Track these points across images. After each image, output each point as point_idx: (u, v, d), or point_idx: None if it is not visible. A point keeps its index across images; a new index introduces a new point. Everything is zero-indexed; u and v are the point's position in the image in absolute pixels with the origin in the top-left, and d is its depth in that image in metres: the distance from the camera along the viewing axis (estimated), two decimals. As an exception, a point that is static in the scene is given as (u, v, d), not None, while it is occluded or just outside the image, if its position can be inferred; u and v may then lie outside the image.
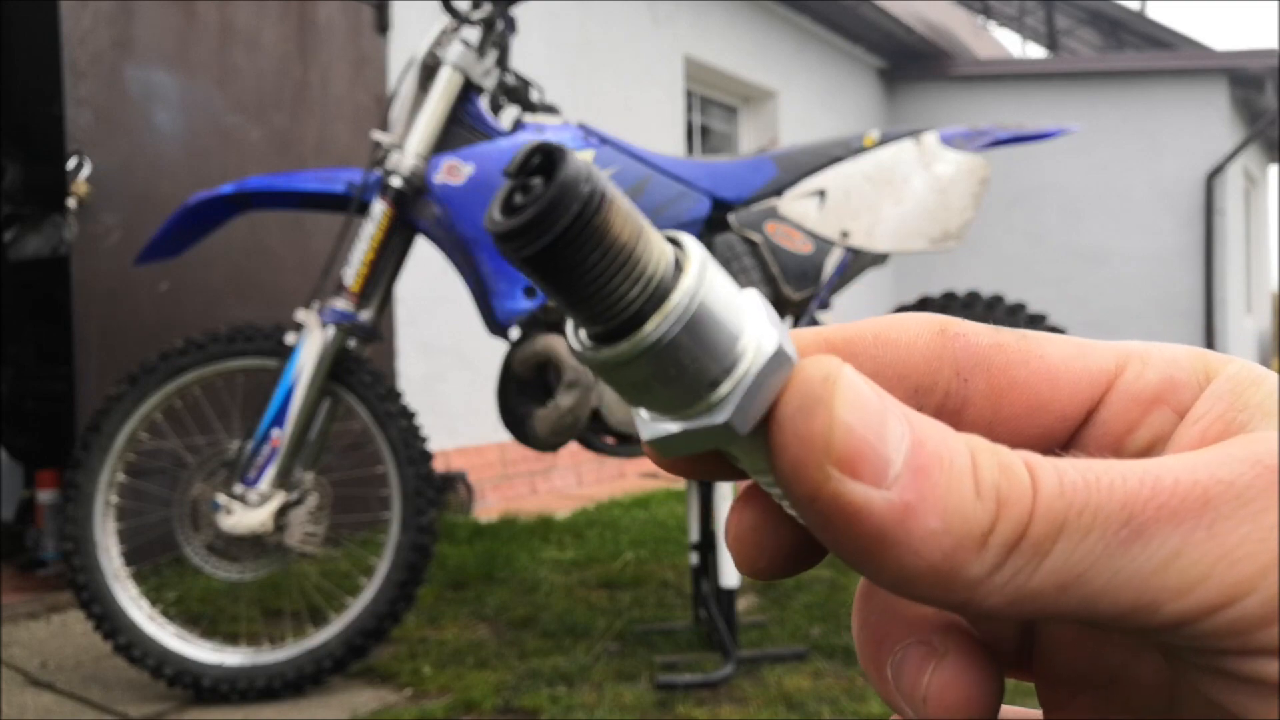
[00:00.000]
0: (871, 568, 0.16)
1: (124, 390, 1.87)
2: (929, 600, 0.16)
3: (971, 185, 1.95)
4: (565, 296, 0.15)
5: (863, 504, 0.15)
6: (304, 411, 1.80)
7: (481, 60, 1.92)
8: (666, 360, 0.15)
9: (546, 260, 0.14)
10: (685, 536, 2.79)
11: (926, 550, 0.15)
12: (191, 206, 1.93)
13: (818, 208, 1.94)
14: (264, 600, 2.20)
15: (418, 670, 1.91)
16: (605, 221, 0.15)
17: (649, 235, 0.15)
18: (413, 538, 1.83)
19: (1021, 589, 0.15)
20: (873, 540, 0.15)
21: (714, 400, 0.16)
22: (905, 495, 0.15)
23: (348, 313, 1.85)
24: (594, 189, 0.14)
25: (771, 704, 1.71)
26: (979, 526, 0.15)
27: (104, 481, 1.86)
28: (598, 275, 0.15)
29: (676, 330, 0.15)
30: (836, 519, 0.16)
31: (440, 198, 1.85)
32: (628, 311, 0.15)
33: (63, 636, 2.24)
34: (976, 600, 0.16)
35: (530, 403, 1.89)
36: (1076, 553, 0.15)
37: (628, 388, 0.16)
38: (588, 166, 0.14)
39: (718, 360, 0.16)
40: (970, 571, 0.15)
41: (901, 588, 0.16)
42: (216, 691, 1.80)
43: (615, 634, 2.08)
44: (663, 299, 0.15)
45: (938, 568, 0.15)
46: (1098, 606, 0.15)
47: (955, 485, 0.16)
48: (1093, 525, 0.15)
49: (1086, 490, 0.15)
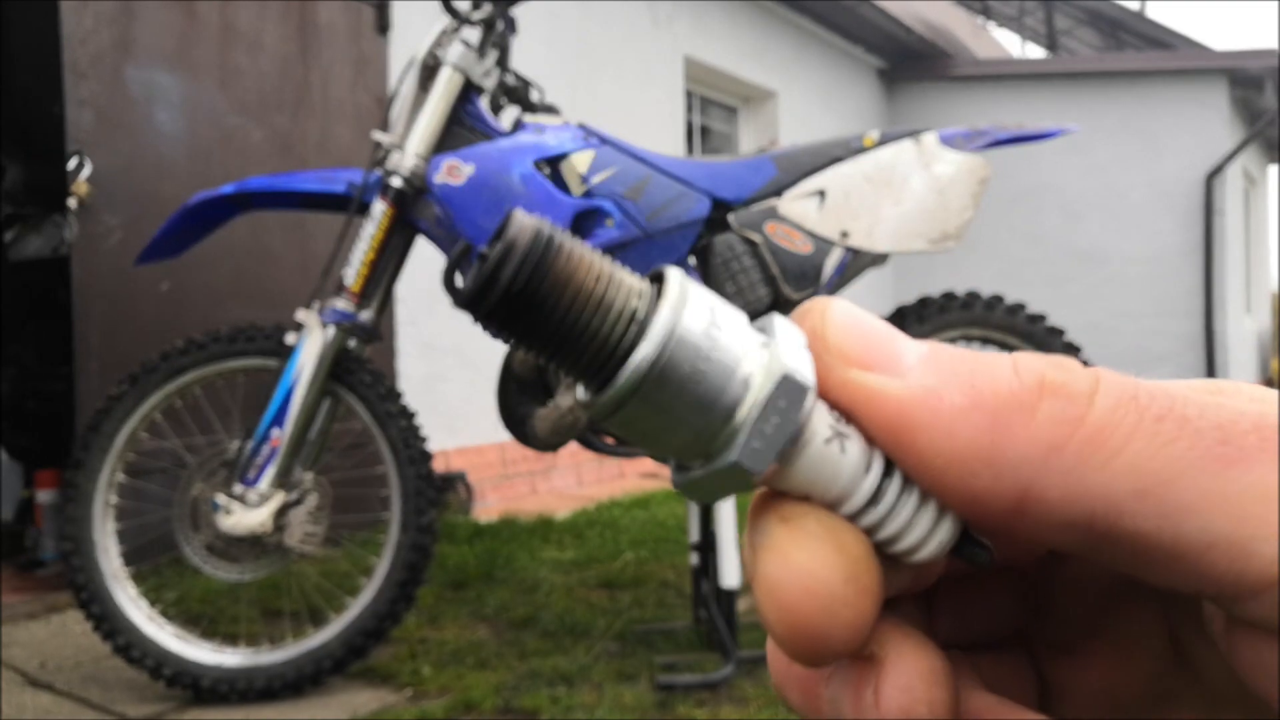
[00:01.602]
0: (912, 457, 0.15)
1: (124, 390, 1.87)
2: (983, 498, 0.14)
3: (971, 185, 1.95)
4: (544, 348, 0.15)
5: (878, 390, 0.15)
6: (304, 411, 1.80)
7: (482, 61, 1.92)
8: (664, 395, 0.15)
9: (509, 313, 0.15)
10: (685, 537, 2.79)
11: (960, 428, 0.14)
12: (192, 207, 1.93)
13: (817, 208, 1.94)
14: (264, 600, 2.20)
15: (417, 670, 1.90)
16: (559, 266, 0.15)
17: (618, 275, 0.15)
18: (413, 538, 1.82)
19: (1091, 483, 0.14)
20: (899, 425, 0.15)
21: (726, 438, 0.15)
22: (924, 380, 0.15)
23: (348, 313, 1.84)
24: (540, 238, 0.14)
25: (772, 704, 1.70)
26: (1018, 399, 0.14)
27: (104, 481, 1.86)
28: (568, 321, 0.15)
29: (663, 358, 0.15)
30: (860, 409, 0.15)
31: (441, 198, 1.85)
32: (612, 352, 0.15)
33: (62, 636, 2.24)
34: (1035, 490, 0.14)
35: (530, 403, 1.89)
36: (1160, 457, 0.14)
37: (641, 436, 0.16)
38: (535, 220, 0.15)
39: (722, 390, 0.15)
40: (1018, 447, 0.14)
41: (947, 480, 0.15)
42: (216, 692, 1.79)
43: (615, 634, 2.08)
44: (642, 332, 0.15)
45: (978, 447, 0.14)
46: (1184, 529, 0.14)
47: (984, 368, 0.15)
48: (1179, 435, 0.14)
49: (1169, 399, 0.14)
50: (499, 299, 0.15)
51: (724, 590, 1.89)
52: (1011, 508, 0.15)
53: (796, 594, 0.15)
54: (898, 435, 0.15)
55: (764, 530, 0.16)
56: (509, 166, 1.83)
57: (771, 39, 5.73)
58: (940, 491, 0.15)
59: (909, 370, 0.15)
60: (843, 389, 0.15)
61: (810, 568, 0.15)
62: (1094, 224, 6.75)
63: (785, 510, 0.16)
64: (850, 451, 0.16)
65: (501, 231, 0.15)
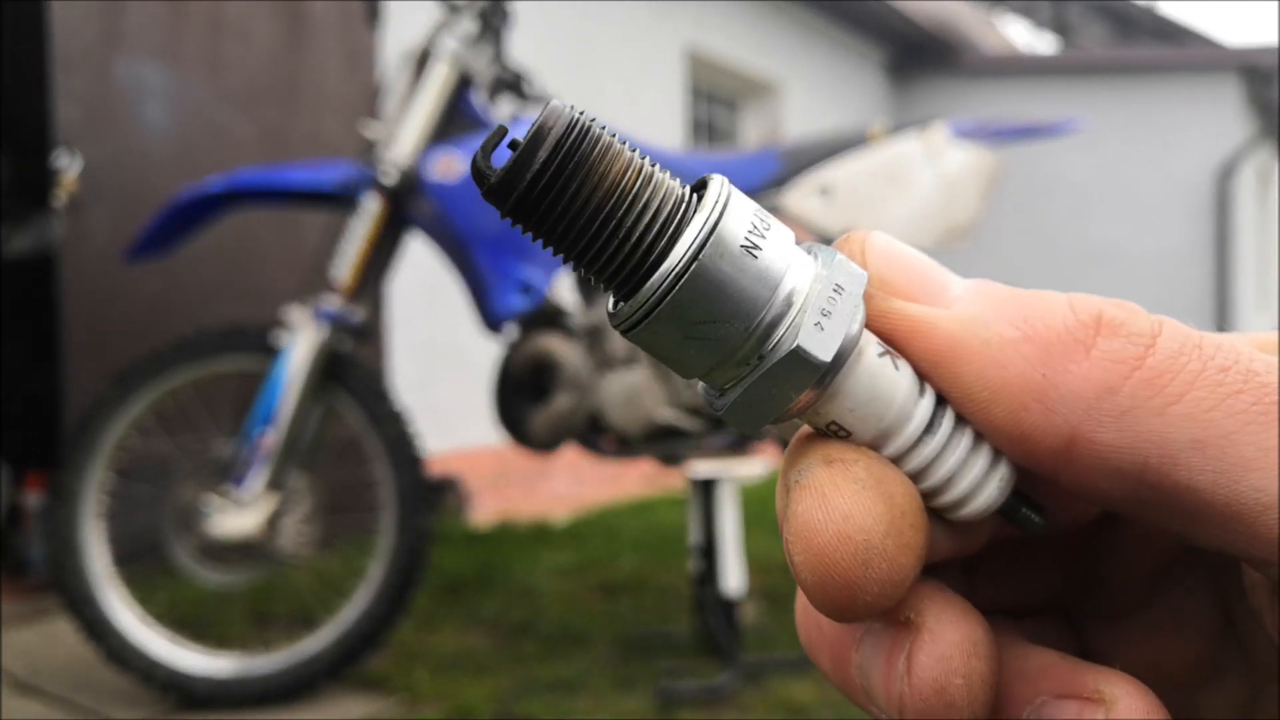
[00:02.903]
0: (959, 390, 0.14)
1: (113, 390, 1.84)
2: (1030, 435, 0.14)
3: (980, 182, 1.91)
4: (572, 246, 0.14)
5: (923, 320, 0.14)
6: (294, 412, 1.78)
7: (476, 52, 1.88)
8: (698, 303, 0.14)
9: (537, 204, 0.14)
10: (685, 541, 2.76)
11: (1009, 359, 0.14)
12: (180, 202, 1.90)
13: (823, 204, 1.90)
14: (256, 605, 2.17)
15: (413, 677, 1.88)
16: (593, 157, 0.14)
17: (657, 175, 0.15)
18: (408, 541, 1.80)
19: (1145, 431, 0.13)
20: (947, 354, 0.14)
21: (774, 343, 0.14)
22: (972, 310, 0.14)
23: (340, 311, 1.81)
24: (575, 125, 0.14)
25: (774, 711, 1.69)
26: (1074, 335, 0.14)
27: (92, 483, 1.83)
28: (599, 217, 0.14)
29: (698, 264, 0.14)
30: (905, 340, 0.15)
31: (435, 194, 1.82)
32: (644, 256, 0.14)
33: (52, 641, 2.21)
34: (1085, 432, 0.13)
35: (527, 403, 1.86)
36: (1222, 408, 0.13)
37: (670, 350, 0.15)
38: (571, 108, 0.14)
39: (764, 299, 0.14)
40: (1071, 384, 0.13)
41: (993, 414, 0.14)
42: (207, 699, 1.77)
43: (614, 641, 2.05)
44: (677, 236, 0.14)
45: (1028, 379, 0.14)
46: (1241, 486, 0.13)
47: (1038, 302, 0.14)
48: (1243, 388, 0.13)
49: (1234, 352, 0.14)
50: (527, 187, 0.14)
51: (725, 596, 1.86)
52: (1060, 448, 0.14)
53: (830, 539, 0.14)
54: (946, 365, 0.15)
55: (804, 469, 0.15)
56: (505, 161, 1.79)
57: (775, 31, 5.68)
58: (987, 426, 0.15)
59: (955, 301, 0.15)
60: (886, 319, 0.15)
61: (850, 512, 0.14)
62: (1104, 220, 6.70)
63: (831, 451, 0.15)
64: (904, 371, 0.15)
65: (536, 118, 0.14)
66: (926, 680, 0.14)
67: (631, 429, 1.86)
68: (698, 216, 0.14)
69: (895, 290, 0.15)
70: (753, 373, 0.15)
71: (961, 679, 0.14)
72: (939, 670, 0.14)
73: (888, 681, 0.15)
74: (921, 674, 0.14)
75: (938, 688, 0.14)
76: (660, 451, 1.90)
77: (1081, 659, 0.16)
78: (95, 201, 2.47)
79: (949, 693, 0.14)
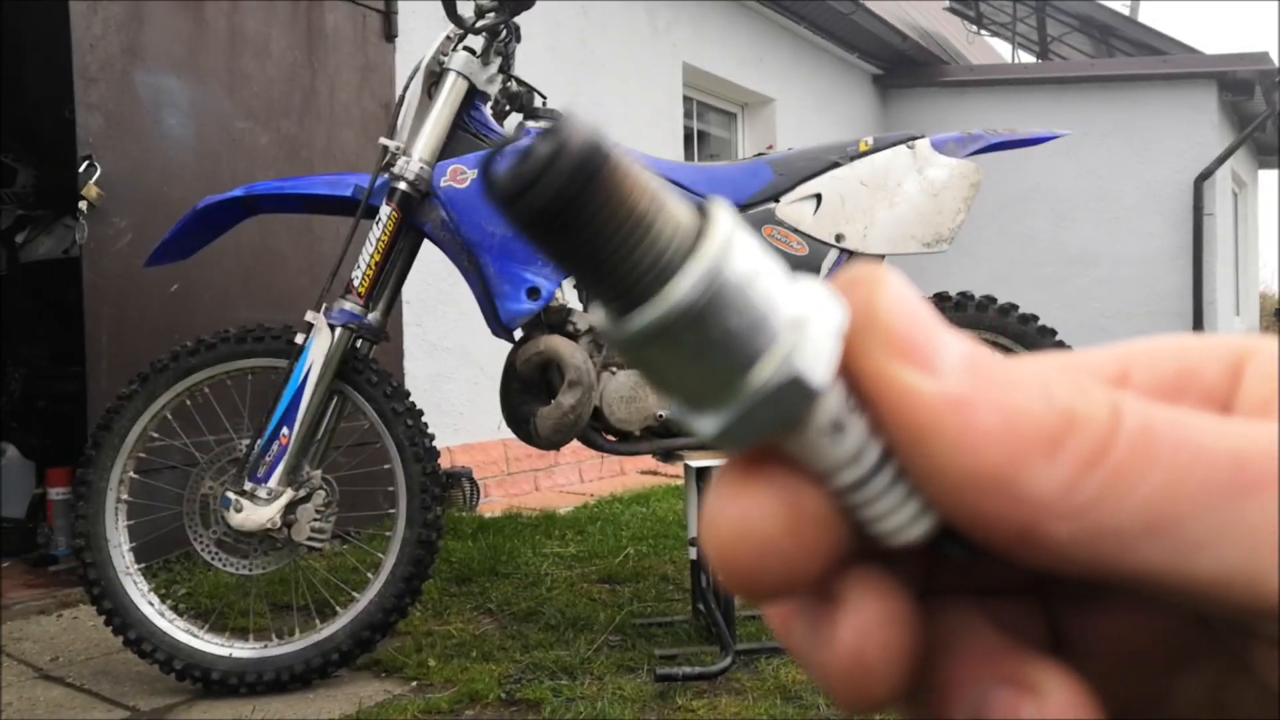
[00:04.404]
0: (925, 463, 0.14)
1: (135, 389, 1.89)
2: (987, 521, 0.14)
3: (963, 189, 1.99)
4: (574, 265, 0.14)
5: (911, 388, 0.14)
6: (312, 410, 1.83)
7: (485, 68, 1.96)
8: (692, 335, 0.14)
9: (545, 222, 0.13)
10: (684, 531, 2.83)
11: (984, 450, 0.13)
12: (201, 210, 1.95)
13: (813, 212, 1.98)
14: (272, 595, 2.23)
15: (423, 663, 1.93)
16: (608, 180, 0.13)
17: (669, 202, 0.14)
18: (419, 533, 1.84)
19: (1100, 522, 0.13)
20: (926, 432, 0.14)
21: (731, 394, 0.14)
22: (960, 388, 0.14)
23: (355, 314, 1.87)
24: (593, 145, 0.13)
25: (768, 695, 1.72)
26: (1046, 432, 0.14)
27: (115, 479, 1.88)
28: (606, 241, 0.14)
29: (702, 297, 0.14)
30: (886, 403, 0.14)
31: (445, 201, 1.89)
32: (649, 278, 0.14)
33: (73, 631, 2.27)
34: (1041, 526, 0.13)
35: (533, 402, 1.91)
36: (1175, 493, 0.13)
37: (661, 368, 0.15)
38: (588, 124, 0.14)
39: (758, 334, 0.14)
40: (1038, 482, 0.13)
41: (955, 496, 0.14)
42: (225, 684, 1.82)
43: (616, 627, 2.11)
44: (683, 263, 0.14)
45: (998, 472, 0.13)
46: (1196, 566, 0.13)
47: (1019, 389, 0.14)
48: (1193, 465, 0.13)
49: (1184, 429, 0.13)
50: (537, 207, 0.13)
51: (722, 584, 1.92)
52: (1014, 538, 0.14)
53: (729, 536, 0.15)
54: (918, 441, 0.14)
55: (726, 465, 0.15)
56: (512, 171, 1.87)
57: (769, 46, 5.79)
58: (943, 505, 0.14)
59: (946, 372, 0.14)
60: (873, 377, 0.14)
61: (749, 515, 0.15)
62: (1085, 226, 6.81)
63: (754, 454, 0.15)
64: (846, 443, 0.15)
65: (552, 130, 0.14)
66: (846, 648, 0.15)
67: (632, 425, 1.93)
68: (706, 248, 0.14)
69: (894, 347, 0.14)
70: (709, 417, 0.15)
71: (879, 647, 0.15)
72: (857, 639, 0.15)
73: (815, 650, 0.15)
74: (842, 642, 0.15)
75: (856, 655, 0.15)
76: (659, 447, 1.97)
77: (1030, 649, 0.16)
78: (117, 209, 2.53)
79: (866, 659, 0.15)
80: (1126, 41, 7.67)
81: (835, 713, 1.67)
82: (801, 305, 0.15)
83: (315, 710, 1.77)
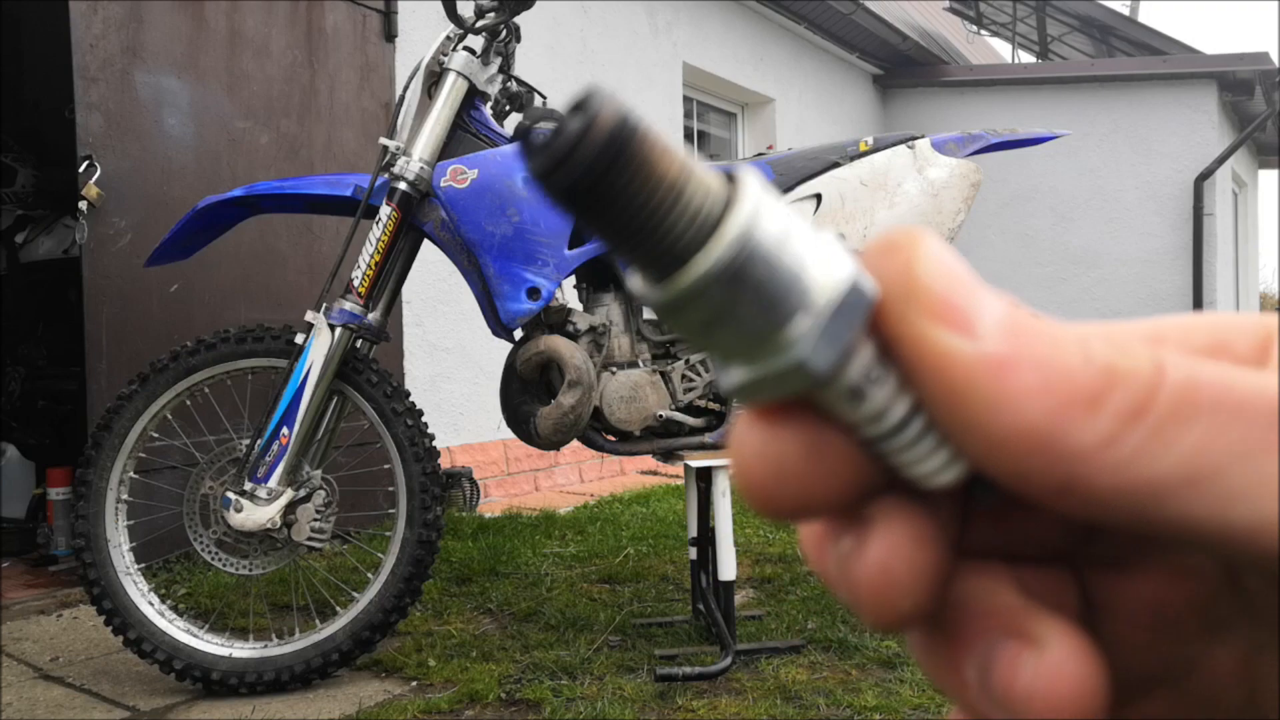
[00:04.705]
0: (964, 425, 0.14)
1: (135, 389, 1.89)
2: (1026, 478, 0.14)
3: (964, 189, 2.00)
4: (608, 234, 0.14)
5: (949, 351, 0.14)
6: (312, 410, 1.83)
7: (485, 68, 1.96)
8: (729, 293, 0.14)
9: (577, 194, 0.14)
10: (684, 532, 2.83)
11: (1025, 408, 0.14)
12: (201, 210, 1.96)
13: (813, 212, 1.98)
14: (272, 595, 2.23)
15: (423, 663, 1.93)
16: (645, 148, 0.14)
17: (698, 170, 0.15)
18: (419, 533, 1.85)
19: (1142, 474, 0.13)
20: (964, 393, 0.14)
21: (790, 338, 0.15)
22: (998, 348, 0.14)
23: (355, 314, 1.87)
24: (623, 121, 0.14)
25: (768, 695, 1.73)
26: (1087, 389, 0.14)
27: (115, 479, 1.88)
28: (639, 211, 0.14)
29: (733, 258, 0.14)
30: (924, 365, 0.14)
31: (445, 201, 1.89)
32: (682, 244, 0.14)
33: (73, 631, 2.27)
34: (1083, 478, 0.14)
35: (533, 402, 1.91)
36: (1215, 446, 0.13)
37: (696, 329, 0.15)
38: (617, 100, 0.14)
39: (787, 295, 0.14)
40: (1078, 437, 0.14)
41: (996, 454, 0.14)
42: (225, 684, 1.82)
43: (616, 627, 2.11)
44: (715, 228, 0.14)
45: (1038, 429, 0.14)
46: (1234, 515, 0.13)
47: (1058, 348, 0.14)
48: (1233, 420, 0.13)
49: (1229, 382, 0.14)
50: (573, 180, 0.14)
51: (722, 584, 1.92)
52: (1055, 490, 0.14)
53: (750, 456, 0.15)
54: (957, 402, 0.14)
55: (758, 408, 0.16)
56: (512, 171, 1.87)
57: (769, 46, 5.79)
58: (982, 462, 0.15)
59: (984, 334, 0.14)
60: (910, 339, 0.14)
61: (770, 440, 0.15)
62: (1086, 226, 6.81)
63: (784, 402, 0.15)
64: (875, 399, 0.15)
65: (581, 104, 0.14)
66: (875, 562, 0.15)
67: (632, 425, 1.94)
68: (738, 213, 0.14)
69: (932, 309, 0.14)
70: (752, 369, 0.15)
71: (906, 564, 0.15)
72: (885, 555, 0.15)
73: (845, 569, 0.16)
74: (871, 557, 0.15)
75: (884, 570, 0.15)
76: (659, 447, 1.97)
77: (1044, 609, 0.16)
78: (117, 208, 2.54)
79: (894, 574, 0.15)
80: (1126, 41, 7.67)
81: (836, 713, 1.67)
82: (832, 267, 0.15)
83: (315, 710, 1.77)
